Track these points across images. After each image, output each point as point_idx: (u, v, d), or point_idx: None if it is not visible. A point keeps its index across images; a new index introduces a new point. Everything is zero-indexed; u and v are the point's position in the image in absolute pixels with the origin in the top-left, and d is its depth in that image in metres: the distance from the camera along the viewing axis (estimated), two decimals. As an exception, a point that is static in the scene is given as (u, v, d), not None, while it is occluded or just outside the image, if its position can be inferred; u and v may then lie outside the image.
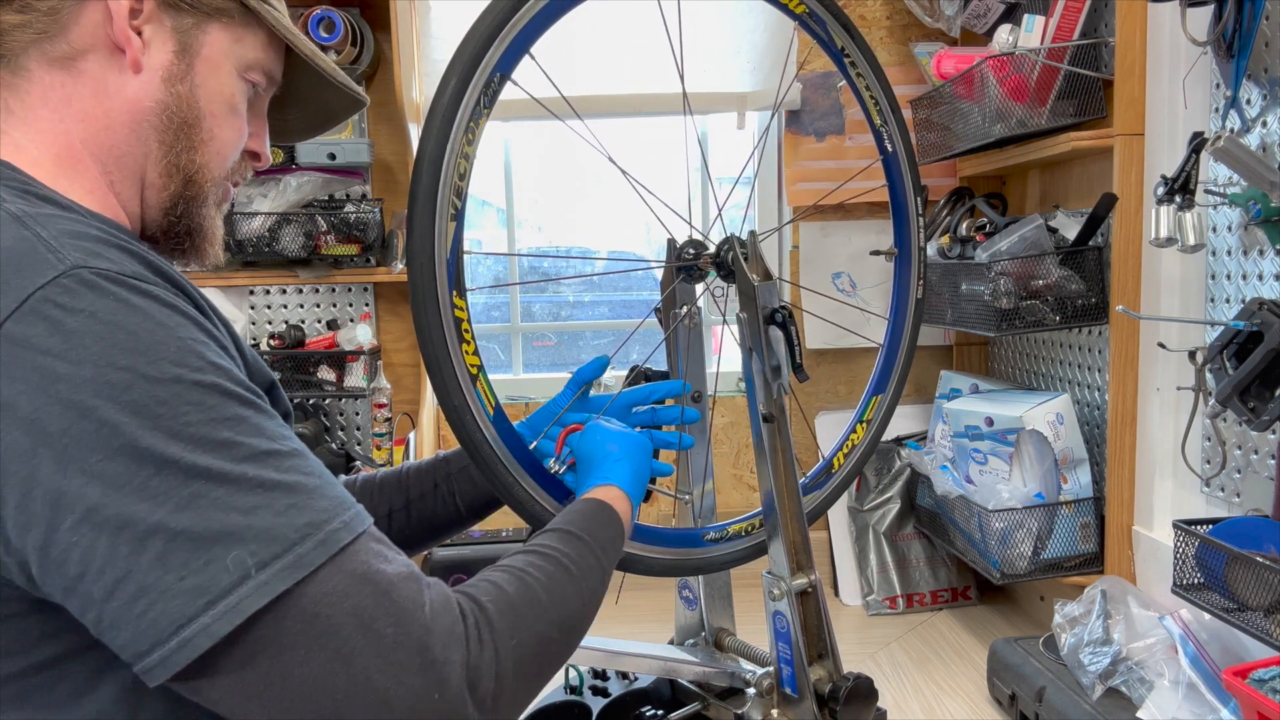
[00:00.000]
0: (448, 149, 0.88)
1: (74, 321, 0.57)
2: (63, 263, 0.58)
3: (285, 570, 0.57)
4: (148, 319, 0.59)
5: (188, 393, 0.58)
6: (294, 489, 0.60)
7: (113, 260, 0.61)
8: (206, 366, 0.60)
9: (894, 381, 1.32)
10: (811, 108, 2.65)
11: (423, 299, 0.87)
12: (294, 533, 0.58)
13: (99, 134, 0.73)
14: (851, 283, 2.72)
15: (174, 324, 0.60)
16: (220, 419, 0.59)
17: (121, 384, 0.56)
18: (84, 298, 0.57)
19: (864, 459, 1.29)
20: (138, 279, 0.61)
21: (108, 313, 0.57)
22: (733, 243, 1.06)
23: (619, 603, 1.63)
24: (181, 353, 0.59)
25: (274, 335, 2.52)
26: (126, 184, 0.75)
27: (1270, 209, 1.48)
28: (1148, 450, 1.92)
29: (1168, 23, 1.78)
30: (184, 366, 0.58)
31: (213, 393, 0.59)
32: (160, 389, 0.57)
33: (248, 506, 0.57)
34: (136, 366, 0.57)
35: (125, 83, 0.74)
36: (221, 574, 0.56)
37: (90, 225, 0.64)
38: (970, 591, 2.55)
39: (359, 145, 2.44)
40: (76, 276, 0.58)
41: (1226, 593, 1.42)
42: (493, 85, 0.91)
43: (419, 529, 1.06)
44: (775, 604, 1.05)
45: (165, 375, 0.58)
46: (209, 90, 0.77)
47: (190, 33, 0.76)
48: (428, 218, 0.87)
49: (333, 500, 0.61)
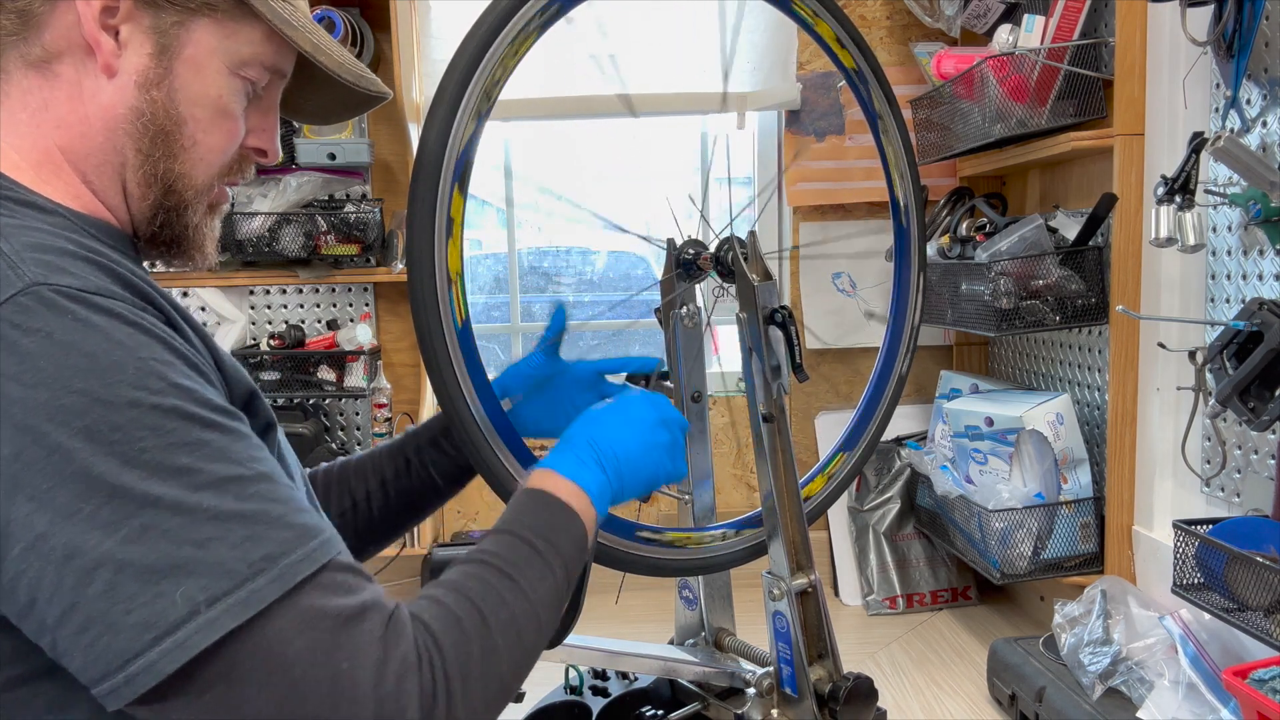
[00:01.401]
0: (488, 54, 0.88)
1: (29, 342, 0.55)
2: (21, 279, 0.56)
3: (236, 607, 0.55)
4: (106, 339, 0.57)
5: (145, 417, 0.56)
6: (253, 519, 0.57)
7: (75, 275, 0.58)
8: (167, 388, 0.57)
9: (864, 441, 1.28)
10: (811, 108, 2.65)
11: (421, 189, 0.87)
12: (248, 567, 0.56)
13: (76, 141, 0.70)
14: (851, 283, 2.72)
15: (134, 344, 0.58)
16: (179, 444, 0.56)
17: (75, 408, 0.54)
18: (40, 317, 0.55)
19: (816, 513, 1.21)
20: (101, 294, 0.58)
21: (64, 333, 0.55)
22: (732, 243, 1.06)
23: (619, 603, 1.64)
24: (140, 374, 0.57)
25: (274, 335, 2.52)
26: (109, 190, 0.72)
27: (1270, 209, 1.48)
28: (1148, 450, 1.92)
29: (1168, 23, 1.77)
30: (142, 389, 0.56)
31: (172, 416, 0.57)
32: (115, 413, 0.55)
33: (201, 538, 0.55)
34: (92, 390, 0.55)
35: (100, 88, 0.70)
36: (170, 609, 0.54)
37: (60, 236, 0.62)
38: (970, 591, 2.55)
39: (359, 145, 2.44)
40: (34, 294, 0.56)
41: (1226, 593, 1.42)
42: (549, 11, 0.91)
43: (398, 508, 1.03)
44: (775, 604, 1.05)
45: (121, 399, 0.55)
46: (191, 93, 0.72)
47: (170, 32, 0.71)
48: (448, 117, 0.86)
49: (296, 530, 0.59)
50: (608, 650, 1.10)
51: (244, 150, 0.79)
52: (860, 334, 2.71)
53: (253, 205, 2.42)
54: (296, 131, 2.41)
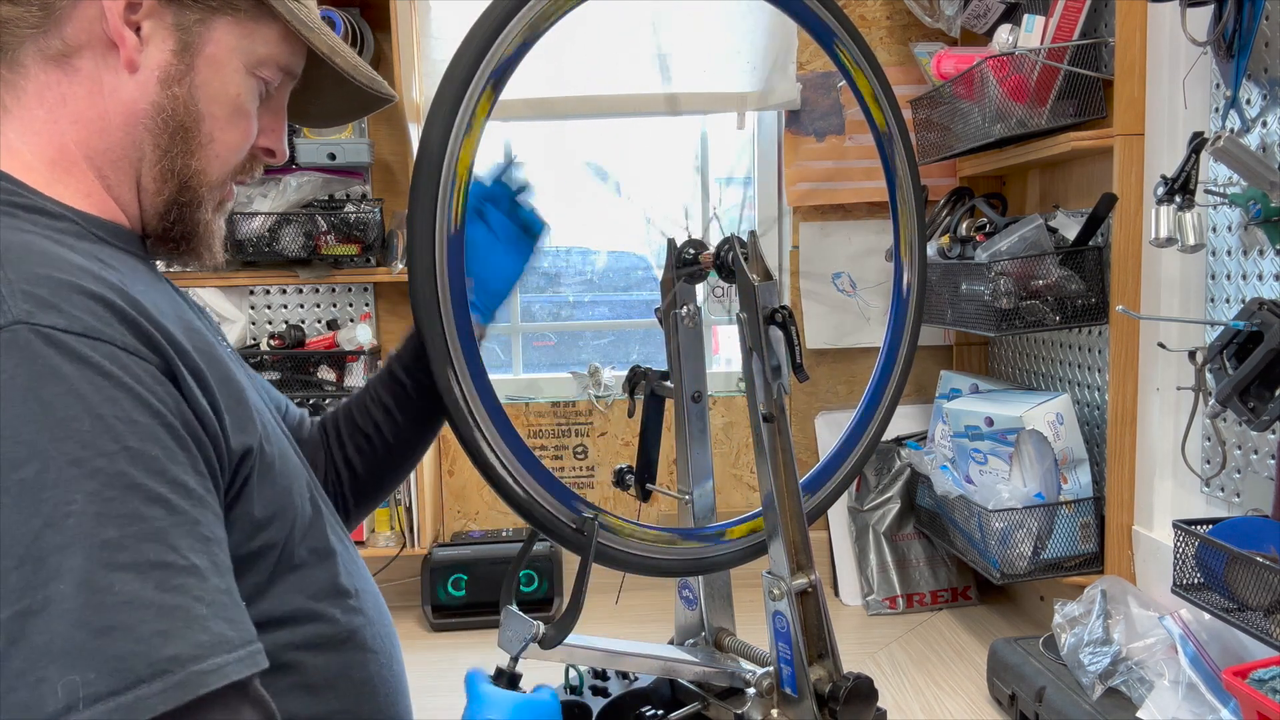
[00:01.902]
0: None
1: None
2: (3, 316, 0.54)
3: (116, 713, 0.48)
4: (69, 391, 0.53)
5: (83, 480, 0.51)
6: (170, 613, 0.51)
7: (64, 314, 0.55)
8: (118, 452, 0.53)
9: (826, 488, 1.26)
10: (811, 108, 2.65)
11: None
12: (146, 667, 0.50)
13: (93, 136, 0.70)
14: (851, 283, 2.72)
15: (98, 398, 0.54)
16: (111, 515, 0.52)
17: (16, 460, 0.51)
18: (9, 358, 0.53)
19: (759, 551, 1.17)
20: (85, 336, 0.55)
21: (27, 378, 0.52)
22: (733, 243, 1.06)
23: (619, 603, 1.64)
24: (94, 433, 0.53)
25: (274, 335, 2.52)
26: (123, 187, 0.72)
27: (1270, 209, 1.48)
28: (1148, 450, 1.92)
29: (1168, 23, 1.77)
30: (90, 448, 0.52)
31: (113, 484, 0.52)
32: (54, 470, 0.51)
33: (104, 625, 0.49)
34: (36, 443, 0.51)
35: (120, 83, 0.70)
36: (49, 697, 0.48)
37: (64, 264, 0.59)
38: (970, 591, 2.55)
39: (359, 145, 2.44)
40: (11, 333, 0.53)
41: (1226, 593, 1.42)
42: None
43: (409, 427, 1.02)
44: (775, 604, 1.05)
45: (64, 455, 0.51)
46: (210, 91, 0.73)
47: (193, 29, 0.71)
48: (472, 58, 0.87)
49: (214, 636, 0.53)
50: (608, 650, 1.10)
51: (254, 150, 0.80)
52: (860, 334, 2.71)
53: (253, 205, 2.42)
54: (296, 131, 2.41)
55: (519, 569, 1.07)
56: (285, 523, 0.73)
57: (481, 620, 2.46)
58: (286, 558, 0.73)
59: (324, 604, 0.76)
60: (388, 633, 0.84)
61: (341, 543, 0.82)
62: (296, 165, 2.43)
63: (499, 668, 0.98)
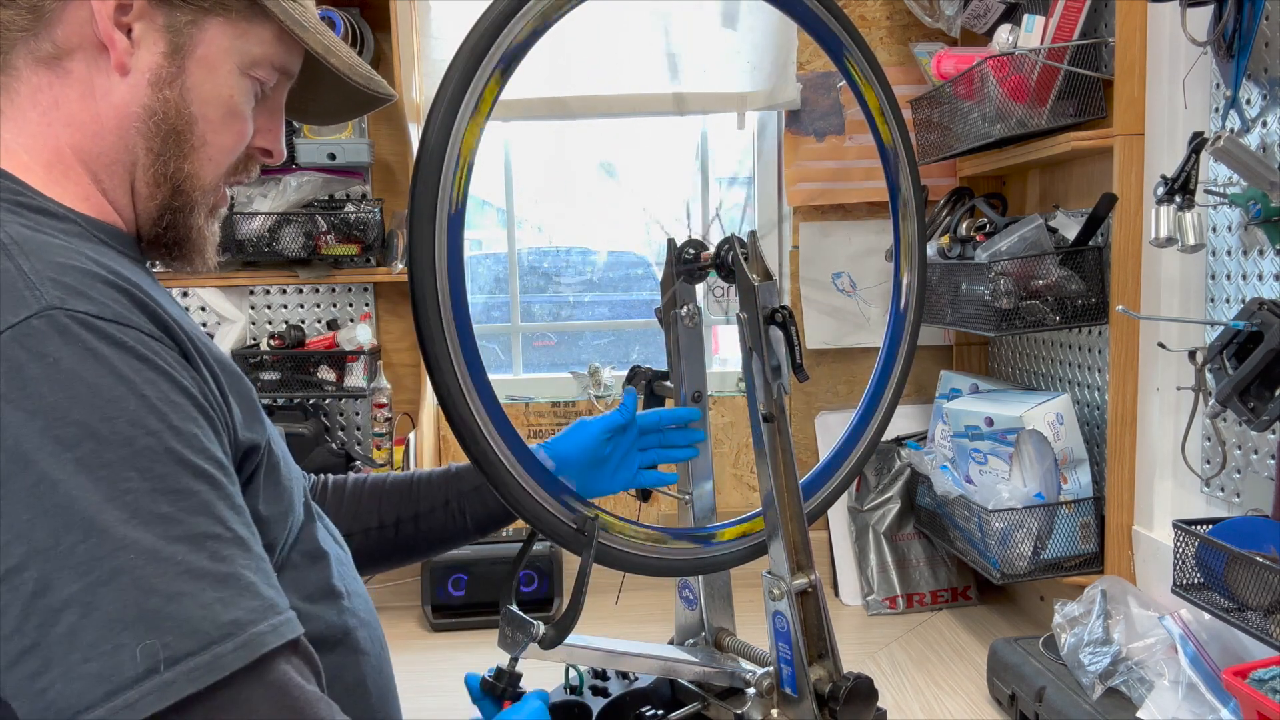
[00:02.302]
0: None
1: (35, 368, 0.53)
2: (38, 302, 0.55)
3: (197, 671, 0.52)
4: (111, 372, 0.55)
5: (136, 457, 0.54)
6: (225, 581, 0.55)
7: (93, 301, 0.57)
8: (164, 430, 0.55)
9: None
10: (811, 108, 2.65)
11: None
12: (215, 629, 0.53)
13: (87, 140, 0.70)
14: (851, 283, 2.72)
15: (140, 379, 0.56)
16: (165, 490, 0.54)
17: (69, 440, 0.52)
18: (50, 343, 0.54)
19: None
20: (117, 322, 0.57)
21: (71, 361, 0.54)
22: (733, 242, 1.06)
23: (619, 603, 1.64)
24: (140, 412, 0.55)
25: (274, 335, 2.52)
26: (118, 190, 0.72)
27: (1270, 209, 1.48)
28: (1148, 450, 1.92)
29: (1168, 23, 1.77)
30: (139, 427, 0.54)
31: (163, 459, 0.55)
32: (108, 449, 0.53)
33: (172, 592, 0.52)
34: (88, 422, 0.53)
35: (112, 86, 0.69)
36: (128, 663, 0.51)
37: (80, 256, 0.60)
38: (970, 591, 2.55)
39: (359, 145, 2.44)
40: (49, 318, 0.54)
41: (1226, 593, 1.42)
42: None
43: (425, 541, 1.05)
44: (775, 604, 1.05)
45: (116, 435, 0.53)
46: (203, 93, 0.72)
47: (184, 31, 0.70)
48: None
49: (265, 601, 0.57)
50: (608, 650, 1.10)
51: (250, 150, 0.79)
52: (860, 334, 2.71)
53: (253, 205, 2.42)
54: (297, 131, 2.42)
55: (519, 569, 1.07)
56: (285, 524, 0.73)
57: (481, 620, 2.46)
58: (283, 558, 0.74)
59: (318, 605, 0.77)
60: (378, 635, 0.85)
61: (334, 545, 0.82)
62: (296, 165, 2.43)
63: (499, 668, 0.98)
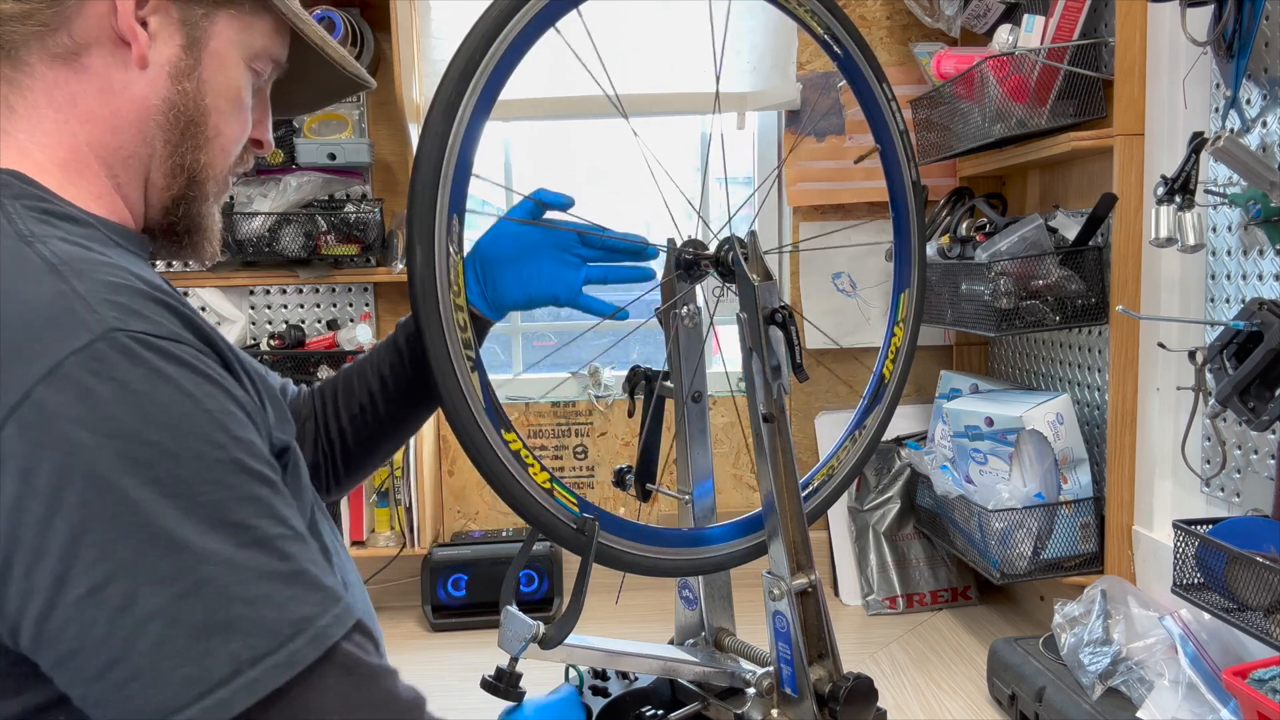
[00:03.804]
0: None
1: (105, 390, 0.54)
2: (100, 324, 0.56)
3: (277, 668, 0.56)
4: (178, 391, 0.57)
5: (209, 471, 0.56)
6: (294, 579, 0.58)
7: (149, 320, 0.58)
8: (230, 441, 0.58)
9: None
10: (812, 108, 2.65)
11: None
12: (289, 628, 0.57)
13: (105, 135, 0.70)
14: (851, 283, 2.72)
15: (203, 395, 0.58)
16: (237, 499, 0.57)
17: (145, 460, 0.54)
18: (118, 365, 0.55)
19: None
20: (172, 340, 0.58)
21: (139, 382, 0.55)
22: (733, 243, 1.06)
23: (619, 603, 1.64)
24: (208, 427, 0.57)
25: (274, 335, 2.52)
26: (132, 185, 0.73)
27: (1270, 209, 1.48)
28: (1148, 450, 1.92)
29: (1168, 23, 1.77)
30: (209, 442, 0.57)
31: (232, 470, 0.57)
32: (182, 466, 0.55)
33: (250, 596, 0.56)
34: (162, 442, 0.55)
35: (131, 80, 0.70)
36: (215, 666, 0.54)
37: (123, 272, 0.61)
38: (970, 591, 2.55)
39: (359, 145, 2.44)
40: (112, 341, 0.55)
41: (1226, 593, 1.42)
42: None
43: (401, 400, 1.02)
44: (775, 604, 1.05)
45: (189, 452, 0.56)
46: (216, 85, 0.74)
47: (199, 24, 0.72)
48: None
49: (327, 592, 0.60)
50: (608, 650, 1.10)
51: (245, 142, 0.80)
52: (860, 334, 2.71)
53: (253, 205, 2.42)
54: (297, 132, 2.42)
55: (519, 569, 1.07)
56: (304, 519, 0.74)
57: (481, 620, 2.46)
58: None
59: None
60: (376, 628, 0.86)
61: (335, 539, 0.83)
62: (296, 165, 2.43)
63: (499, 668, 0.98)
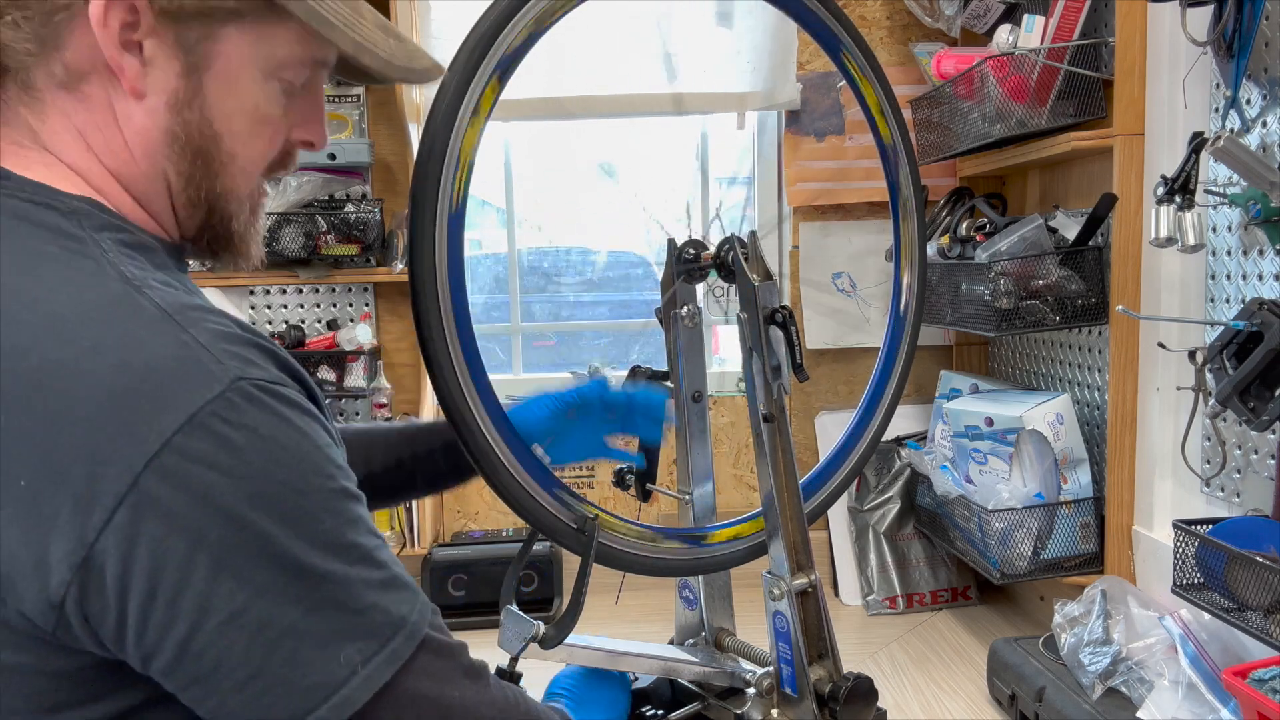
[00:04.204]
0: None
1: (239, 437, 0.58)
2: (227, 374, 0.59)
3: (384, 663, 0.63)
4: (295, 431, 0.61)
5: (325, 501, 0.62)
6: (388, 586, 0.65)
7: (260, 368, 0.61)
8: (336, 471, 0.63)
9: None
10: (811, 108, 2.65)
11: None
12: (389, 628, 0.64)
13: (122, 166, 0.67)
14: (851, 283, 2.72)
15: (311, 431, 0.62)
16: (345, 522, 0.63)
17: (276, 496, 0.59)
18: (247, 413, 0.59)
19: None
20: (280, 384, 0.62)
21: (267, 428, 0.59)
22: (733, 243, 1.06)
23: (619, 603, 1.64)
24: (321, 462, 0.62)
25: (274, 335, 2.52)
26: (161, 211, 0.70)
27: (1270, 209, 1.48)
28: (1148, 450, 1.92)
29: (1168, 23, 1.77)
30: (322, 475, 0.62)
31: (341, 498, 0.63)
32: (305, 500, 0.61)
33: (360, 606, 0.62)
34: (289, 480, 0.60)
35: (131, 111, 0.66)
36: (338, 670, 0.61)
37: (221, 318, 0.63)
38: (970, 591, 2.55)
39: (359, 145, 2.44)
40: (240, 390, 0.59)
41: (1226, 593, 1.42)
42: None
43: (373, 497, 1.04)
44: (775, 604, 1.05)
45: (310, 486, 0.61)
46: (225, 108, 0.68)
47: (197, 48, 0.66)
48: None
49: (410, 590, 0.67)
50: (608, 650, 1.10)
51: (288, 145, 0.75)
52: (860, 334, 2.71)
53: (253, 205, 2.42)
54: (296, 131, 2.41)
55: (519, 569, 1.07)
56: None
57: (481, 620, 2.46)
58: None
59: None
60: None
61: None
62: (296, 165, 2.42)
63: (499, 667, 0.98)
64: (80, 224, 0.63)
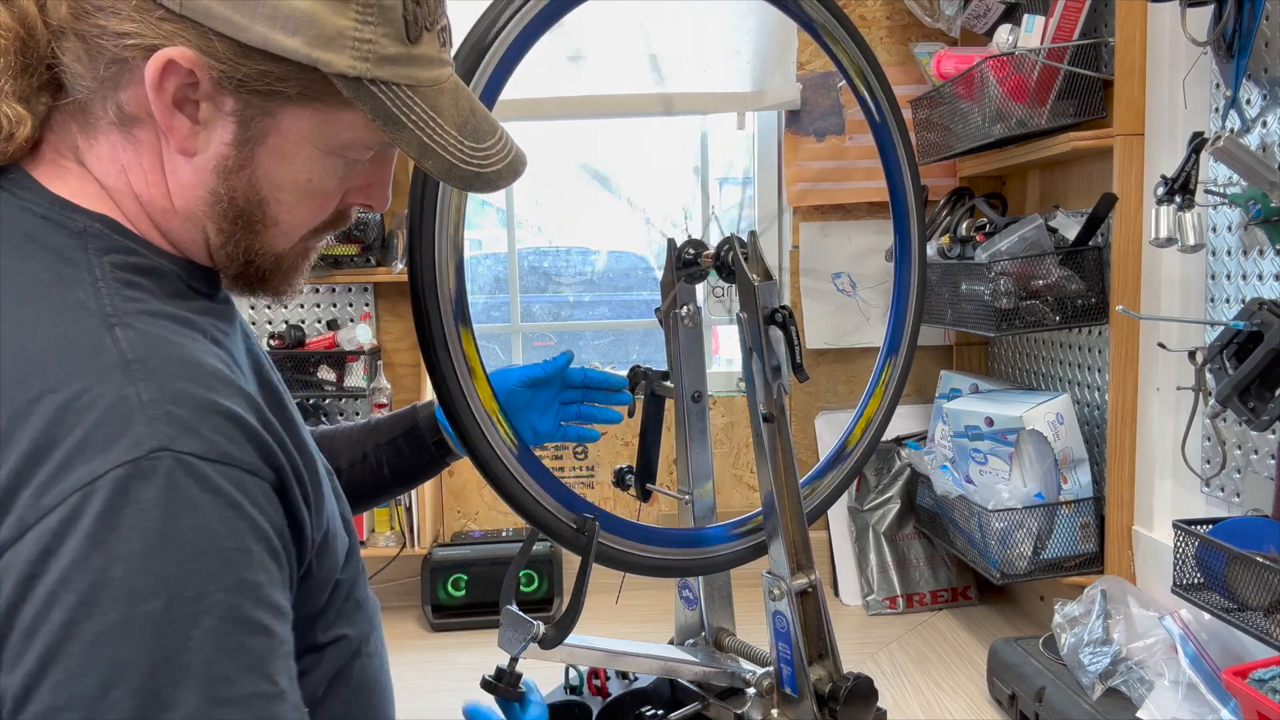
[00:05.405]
0: None
1: (129, 512, 0.53)
2: (152, 439, 0.55)
3: None
4: (202, 526, 0.55)
5: (203, 616, 0.54)
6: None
7: (201, 439, 0.56)
8: (235, 585, 0.56)
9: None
10: (811, 108, 2.65)
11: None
12: None
13: (159, 212, 0.66)
14: (851, 283, 2.72)
15: (225, 529, 0.56)
16: (222, 650, 0.55)
17: (142, 591, 0.53)
18: (150, 489, 0.54)
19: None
20: (219, 462, 0.56)
21: (165, 509, 0.54)
22: (733, 242, 1.06)
23: (619, 603, 1.64)
24: (218, 568, 0.55)
25: (274, 335, 2.52)
26: (199, 252, 0.69)
27: (1270, 209, 1.48)
28: (1148, 450, 1.92)
29: (1168, 23, 1.78)
30: (213, 584, 0.55)
31: (228, 618, 0.55)
32: (179, 606, 0.54)
33: None
34: (167, 577, 0.54)
35: (178, 165, 0.64)
36: None
37: (197, 372, 0.59)
38: (970, 591, 2.55)
39: (359, 145, 2.43)
40: (154, 460, 0.54)
41: (1226, 593, 1.42)
42: None
43: (351, 499, 1.04)
44: (775, 604, 1.05)
45: (191, 591, 0.54)
46: (276, 178, 0.66)
47: (255, 121, 0.63)
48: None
49: None
50: (608, 650, 1.10)
51: (343, 207, 0.73)
52: (860, 334, 2.71)
53: (253, 205, 2.42)
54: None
55: (519, 569, 1.07)
56: (337, 564, 0.74)
57: (481, 620, 2.46)
58: (334, 588, 0.75)
59: (352, 618, 0.78)
60: (382, 637, 0.86)
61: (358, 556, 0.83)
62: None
63: (499, 667, 0.98)
64: (85, 247, 0.62)
